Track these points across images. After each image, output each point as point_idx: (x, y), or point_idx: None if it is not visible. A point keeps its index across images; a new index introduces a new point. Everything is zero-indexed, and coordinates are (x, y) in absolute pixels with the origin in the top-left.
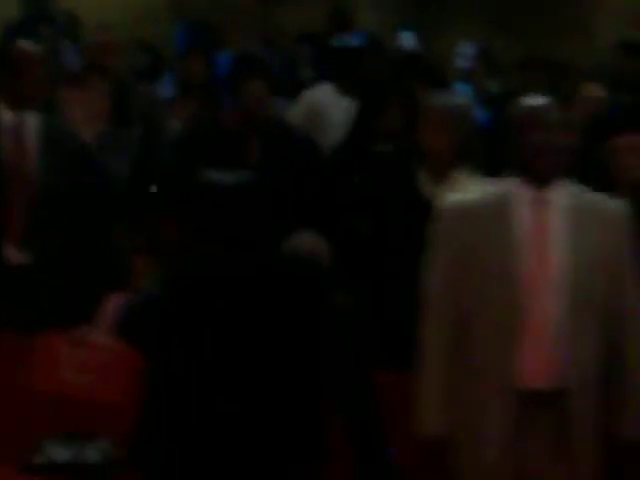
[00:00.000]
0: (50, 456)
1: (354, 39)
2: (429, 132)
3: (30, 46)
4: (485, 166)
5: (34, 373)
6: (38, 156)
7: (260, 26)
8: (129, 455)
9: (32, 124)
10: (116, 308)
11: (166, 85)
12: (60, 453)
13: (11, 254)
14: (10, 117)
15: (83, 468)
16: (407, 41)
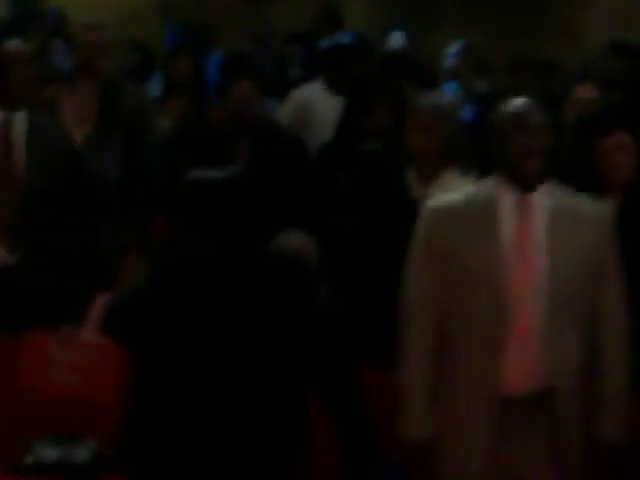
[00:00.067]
0: (38, 456)
1: (343, 38)
2: (416, 133)
3: (19, 45)
4: (476, 165)
5: (22, 373)
6: (26, 156)
7: (249, 25)
8: (115, 454)
9: (21, 124)
10: (104, 307)
11: (156, 84)
12: (48, 453)
13: None
14: None
15: (72, 468)
16: (396, 41)
